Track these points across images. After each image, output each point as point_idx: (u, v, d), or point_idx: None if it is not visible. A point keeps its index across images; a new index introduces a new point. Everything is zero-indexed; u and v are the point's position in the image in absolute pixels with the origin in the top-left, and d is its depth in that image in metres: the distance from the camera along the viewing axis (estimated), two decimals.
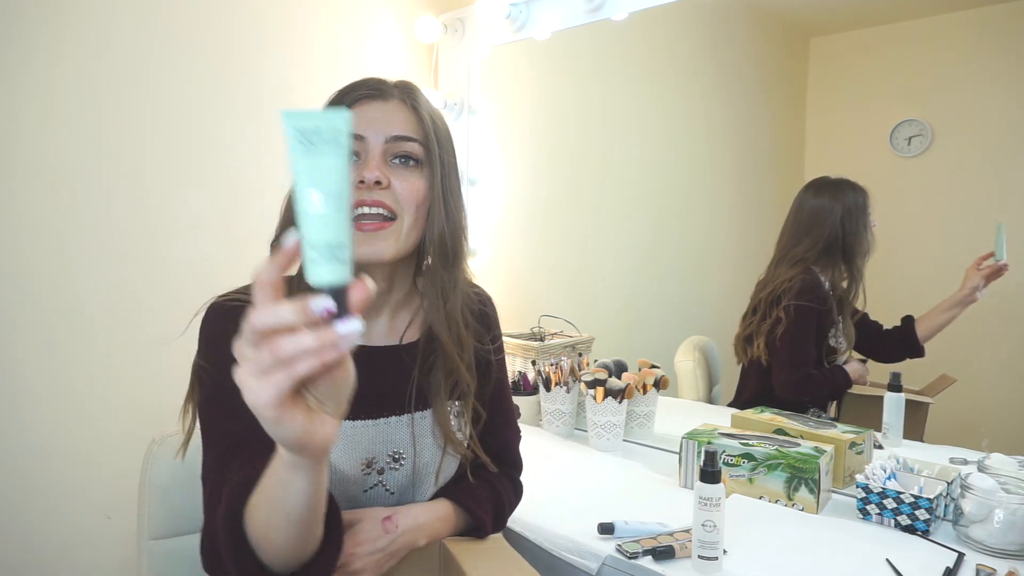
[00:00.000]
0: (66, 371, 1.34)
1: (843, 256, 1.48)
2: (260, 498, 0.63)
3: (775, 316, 1.50)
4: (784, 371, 1.51)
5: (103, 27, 1.35)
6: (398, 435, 0.89)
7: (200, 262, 1.50)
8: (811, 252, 1.50)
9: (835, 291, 1.49)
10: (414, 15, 1.90)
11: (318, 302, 0.46)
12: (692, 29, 1.84)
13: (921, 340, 1.45)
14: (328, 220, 0.45)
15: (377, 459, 0.87)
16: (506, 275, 2.02)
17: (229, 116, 1.55)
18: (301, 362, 0.46)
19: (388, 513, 0.87)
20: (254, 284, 0.47)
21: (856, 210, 1.47)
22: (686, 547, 0.97)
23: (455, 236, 0.88)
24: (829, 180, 1.51)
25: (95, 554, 1.39)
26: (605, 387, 1.47)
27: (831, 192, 1.49)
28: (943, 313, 1.43)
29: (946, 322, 1.43)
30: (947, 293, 1.43)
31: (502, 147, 2.03)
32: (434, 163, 0.85)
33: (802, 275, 1.49)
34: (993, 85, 1.41)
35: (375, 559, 0.84)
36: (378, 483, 0.88)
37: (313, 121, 0.46)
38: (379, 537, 0.84)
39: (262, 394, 0.47)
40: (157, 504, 1.01)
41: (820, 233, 1.49)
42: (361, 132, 0.83)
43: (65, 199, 1.33)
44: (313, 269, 0.45)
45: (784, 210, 1.58)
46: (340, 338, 0.46)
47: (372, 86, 0.86)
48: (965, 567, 0.95)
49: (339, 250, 0.45)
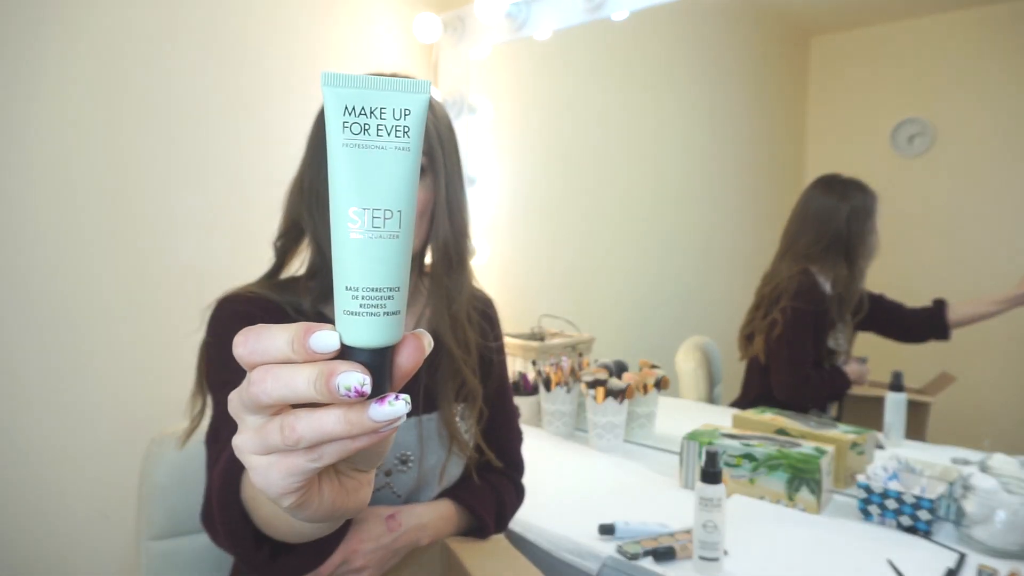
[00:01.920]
0: (66, 371, 1.34)
1: (846, 257, 1.48)
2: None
3: (772, 317, 1.50)
4: (782, 373, 1.51)
5: (105, 29, 1.35)
6: (405, 437, 0.89)
7: (201, 262, 1.49)
8: (814, 249, 1.49)
9: (835, 291, 1.49)
10: (414, 13, 1.90)
11: (349, 378, 0.32)
12: (692, 28, 1.84)
13: (952, 324, 1.41)
14: (378, 254, 0.31)
15: (384, 461, 0.88)
16: (506, 275, 2.02)
17: (229, 116, 1.54)
18: (328, 447, 0.34)
19: (392, 511, 0.87)
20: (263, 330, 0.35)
21: (863, 212, 1.46)
22: (687, 548, 0.97)
23: (460, 241, 0.88)
24: (840, 179, 1.50)
25: (95, 554, 1.38)
26: (605, 387, 1.46)
27: (840, 192, 1.49)
28: (989, 305, 1.38)
29: (987, 314, 1.39)
30: (948, 293, 1.43)
31: (502, 146, 2.03)
32: (438, 170, 0.85)
33: (800, 276, 1.49)
34: (995, 84, 1.41)
35: (378, 556, 0.84)
36: (385, 485, 0.88)
37: (374, 97, 0.29)
38: (382, 535, 0.85)
39: (275, 483, 0.35)
40: (156, 504, 1.01)
41: (824, 231, 1.48)
42: None
43: (65, 199, 1.32)
44: (349, 323, 0.31)
45: (785, 209, 1.57)
46: (377, 424, 0.33)
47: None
48: (966, 568, 0.95)
49: (390, 299, 0.32)
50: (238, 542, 0.62)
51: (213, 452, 0.76)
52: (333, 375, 0.32)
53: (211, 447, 0.78)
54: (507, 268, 2.03)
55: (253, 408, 0.35)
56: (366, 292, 0.31)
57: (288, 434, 0.34)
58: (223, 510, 0.61)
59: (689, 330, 1.82)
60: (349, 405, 0.33)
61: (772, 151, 1.76)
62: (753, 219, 1.80)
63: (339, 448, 0.34)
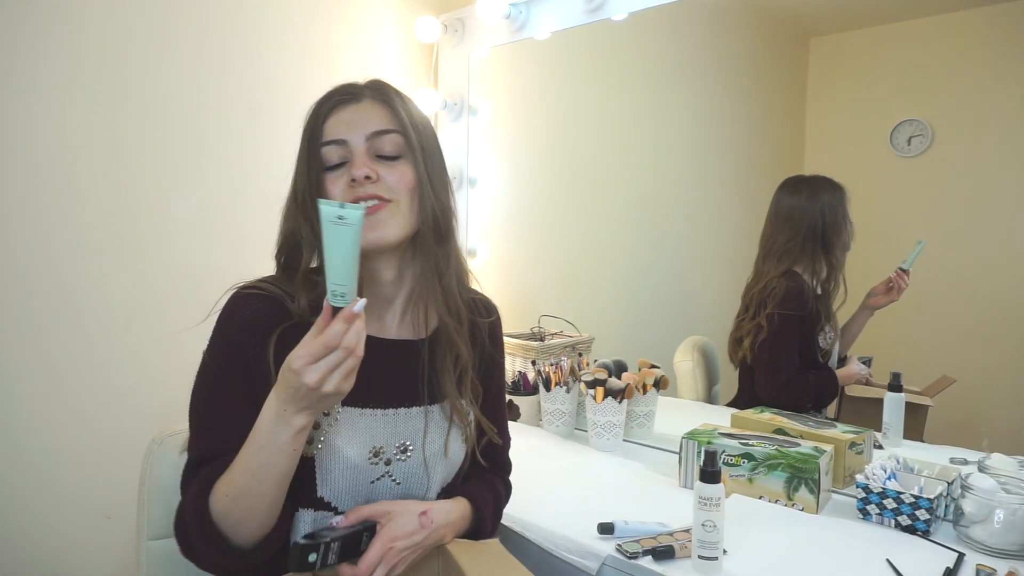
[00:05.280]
0: (66, 371, 1.34)
1: (824, 249, 1.49)
2: (235, 474, 0.76)
3: (758, 322, 1.51)
4: (765, 377, 1.52)
5: (104, 29, 1.35)
6: (406, 427, 0.91)
7: (201, 262, 1.50)
8: (792, 245, 1.51)
9: (818, 286, 1.50)
10: (414, 15, 1.90)
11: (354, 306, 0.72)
12: (691, 29, 1.84)
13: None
14: (344, 271, 0.71)
15: (385, 449, 0.89)
16: (506, 275, 2.02)
17: (229, 117, 1.55)
18: (359, 348, 0.72)
19: (424, 508, 0.88)
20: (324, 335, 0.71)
21: (833, 205, 1.48)
22: (686, 547, 0.97)
23: (445, 214, 0.91)
24: (804, 178, 1.52)
25: (95, 554, 1.39)
26: (605, 387, 1.47)
27: (808, 190, 1.50)
28: (857, 326, 1.51)
29: (858, 330, 1.51)
30: (947, 292, 1.43)
31: (502, 147, 2.03)
32: (415, 150, 0.87)
33: (787, 281, 1.49)
34: (994, 85, 1.41)
35: (411, 554, 0.86)
36: (385, 474, 0.89)
37: (341, 211, 0.70)
38: (416, 531, 0.86)
39: (348, 384, 0.73)
40: (157, 504, 1.01)
41: (798, 226, 1.50)
42: (342, 136, 0.86)
43: (65, 200, 1.33)
44: (333, 298, 0.72)
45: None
46: (362, 329, 0.73)
47: (344, 91, 0.89)
48: (965, 567, 0.95)
49: (348, 292, 0.72)
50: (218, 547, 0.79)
51: (183, 480, 0.84)
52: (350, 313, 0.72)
53: (183, 478, 0.84)
54: (507, 268, 2.03)
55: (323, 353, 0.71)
56: (338, 287, 0.72)
57: (347, 349, 0.71)
58: (200, 528, 0.79)
59: (688, 330, 1.82)
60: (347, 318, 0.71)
61: (771, 151, 1.76)
62: (753, 219, 1.80)
63: (359, 351, 0.72)
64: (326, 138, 0.86)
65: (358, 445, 0.87)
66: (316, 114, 0.88)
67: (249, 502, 0.77)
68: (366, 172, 0.83)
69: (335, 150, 0.85)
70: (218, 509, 0.78)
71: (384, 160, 0.86)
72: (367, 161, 0.85)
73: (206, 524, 0.78)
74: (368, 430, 0.88)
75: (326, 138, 0.86)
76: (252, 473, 0.76)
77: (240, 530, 0.79)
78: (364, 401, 0.88)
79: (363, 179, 0.83)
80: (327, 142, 0.86)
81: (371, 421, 0.88)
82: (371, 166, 0.84)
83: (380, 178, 0.85)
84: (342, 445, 0.85)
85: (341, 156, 0.86)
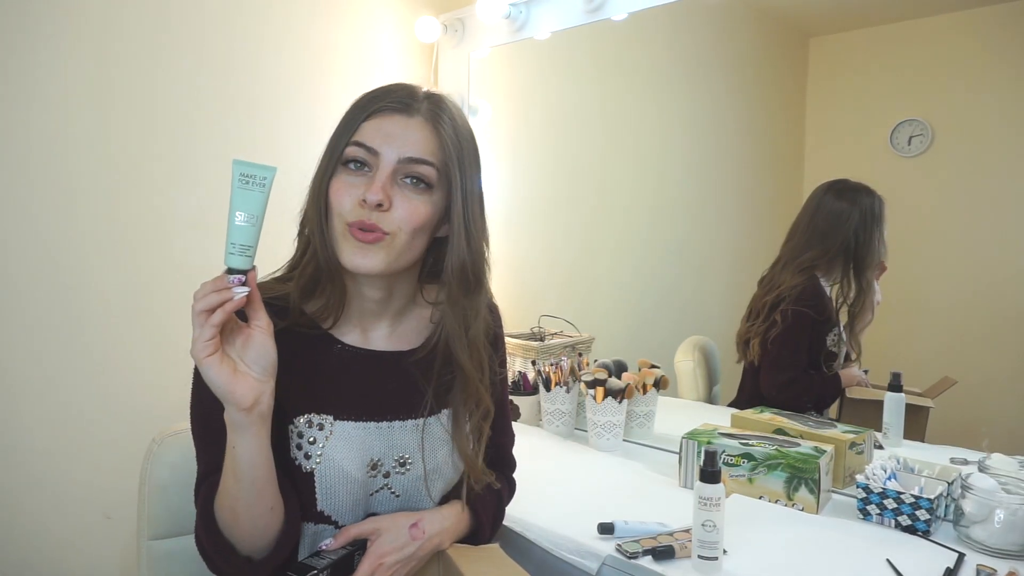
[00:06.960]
0: (66, 371, 1.34)
1: (854, 266, 1.47)
2: (226, 482, 0.76)
3: (772, 319, 1.50)
4: (770, 372, 1.52)
5: (105, 29, 1.35)
6: (404, 439, 0.89)
7: (201, 262, 1.49)
8: (820, 261, 1.48)
9: (841, 300, 1.48)
10: (414, 15, 1.90)
11: (231, 277, 0.70)
12: (692, 29, 1.84)
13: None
14: (247, 231, 0.70)
15: (383, 462, 0.88)
16: (506, 275, 2.02)
17: (231, 117, 1.55)
18: (217, 314, 0.69)
19: (414, 519, 0.87)
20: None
21: (872, 218, 1.44)
22: (686, 547, 0.97)
23: (476, 264, 0.85)
24: (850, 184, 1.48)
25: (95, 554, 1.39)
26: (605, 387, 1.47)
27: (851, 197, 1.46)
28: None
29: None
30: (946, 293, 1.43)
31: (502, 147, 2.03)
32: (453, 189, 0.82)
33: (804, 282, 1.48)
34: (994, 85, 1.41)
35: (404, 567, 0.85)
36: (384, 486, 0.89)
37: (251, 169, 0.70)
38: (406, 544, 0.85)
39: (197, 344, 0.69)
40: (157, 504, 1.01)
41: (831, 243, 1.46)
42: (376, 147, 0.79)
43: (66, 200, 1.33)
44: (232, 259, 0.70)
45: (784, 209, 1.57)
46: (233, 292, 0.69)
47: (399, 98, 0.82)
48: (965, 567, 0.95)
49: (249, 249, 0.71)
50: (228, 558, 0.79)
51: (195, 494, 0.84)
52: (224, 276, 0.71)
53: (195, 491, 0.84)
54: (507, 268, 2.03)
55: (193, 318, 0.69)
56: (239, 247, 0.70)
57: (197, 305, 0.69)
58: (208, 537, 0.79)
59: (688, 330, 1.82)
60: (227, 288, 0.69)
61: (771, 151, 1.76)
62: (752, 219, 1.81)
63: (220, 313, 0.69)
64: (359, 139, 0.80)
65: (355, 458, 0.85)
66: (362, 107, 0.82)
67: (238, 508, 0.77)
68: (379, 199, 0.77)
69: (362, 153, 0.80)
70: (221, 518, 0.79)
71: (408, 186, 0.80)
72: (387, 185, 0.78)
73: (213, 534, 0.79)
74: (364, 443, 0.86)
75: (359, 139, 0.80)
76: (235, 478, 0.76)
77: (245, 537, 0.79)
78: (357, 414, 0.86)
79: (374, 206, 0.77)
80: (358, 143, 0.80)
81: (364, 434, 0.86)
82: (389, 192, 0.78)
83: (392, 207, 0.79)
84: (339, 459, 0.84)
85: (365, 161, 0.80)
